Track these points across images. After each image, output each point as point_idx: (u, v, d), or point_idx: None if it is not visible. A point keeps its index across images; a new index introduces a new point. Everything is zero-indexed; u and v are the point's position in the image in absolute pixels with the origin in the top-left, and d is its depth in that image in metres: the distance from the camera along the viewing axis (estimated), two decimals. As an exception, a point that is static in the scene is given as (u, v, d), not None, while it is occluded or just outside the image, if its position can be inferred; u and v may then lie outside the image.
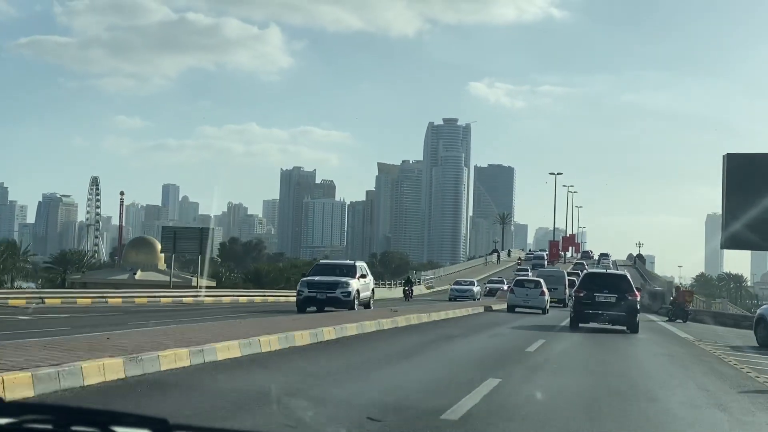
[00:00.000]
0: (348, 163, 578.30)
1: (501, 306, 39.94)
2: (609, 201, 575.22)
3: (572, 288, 34.67)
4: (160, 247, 61.44)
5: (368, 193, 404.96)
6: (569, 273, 61.14)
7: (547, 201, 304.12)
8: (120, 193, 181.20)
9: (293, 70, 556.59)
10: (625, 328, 25.09)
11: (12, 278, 74.81)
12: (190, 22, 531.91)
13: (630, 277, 27.90)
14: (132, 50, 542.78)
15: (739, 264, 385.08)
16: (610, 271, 43.97)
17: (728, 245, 35.60)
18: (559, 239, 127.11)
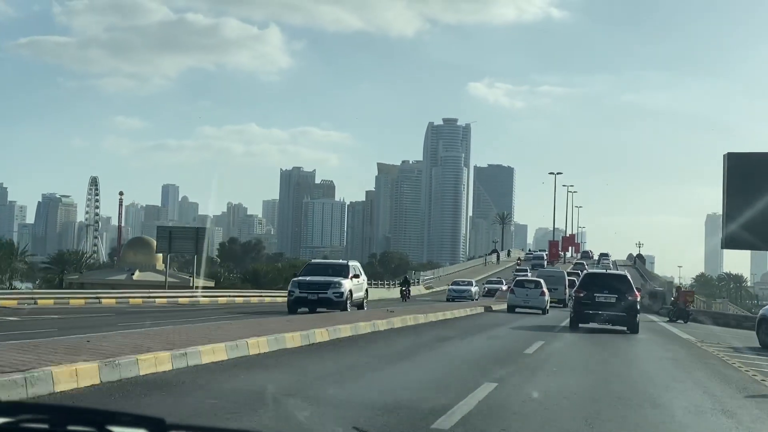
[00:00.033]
0: (348, 164, 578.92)
1: (501, 306, 39.65)
2: (609, 201, 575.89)
3: (572, 288, 34.36)
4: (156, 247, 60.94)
5: (368, 194, 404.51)
6: (569, 273, 60.78)
7: (547, 201, 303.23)
8: (119, 194, 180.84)
9: (293, 70, 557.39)
10: (625, 329, 24.83)
11: (9, 278, 74.41)
12: (190, 23, 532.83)
13: (630, 278, 27.74)
14: (132, 50, 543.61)
15: (739, 264, 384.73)
16: (610, 272, 43.74)
17: (728, 245, 35.27)
18: (559, 239, 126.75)
